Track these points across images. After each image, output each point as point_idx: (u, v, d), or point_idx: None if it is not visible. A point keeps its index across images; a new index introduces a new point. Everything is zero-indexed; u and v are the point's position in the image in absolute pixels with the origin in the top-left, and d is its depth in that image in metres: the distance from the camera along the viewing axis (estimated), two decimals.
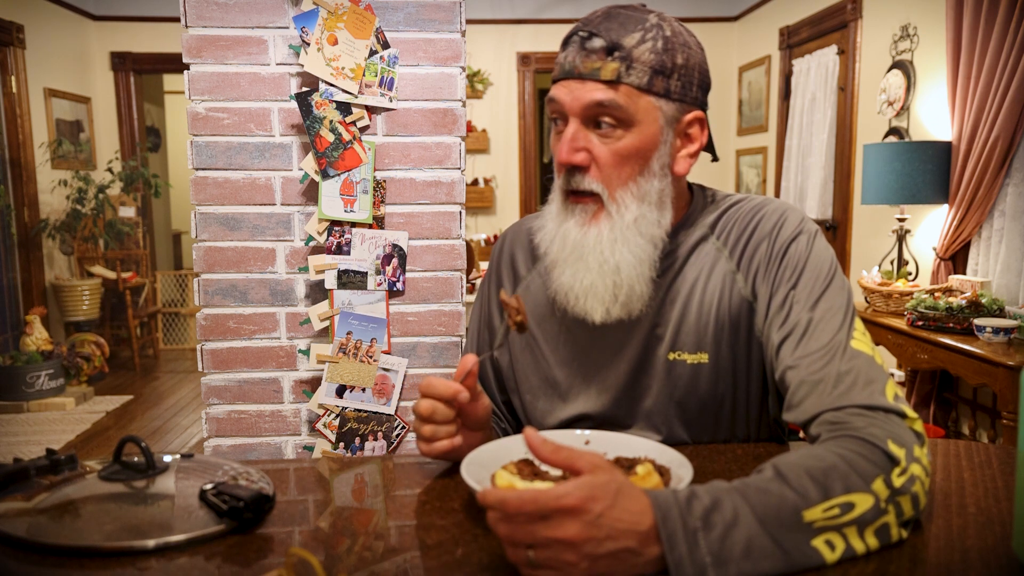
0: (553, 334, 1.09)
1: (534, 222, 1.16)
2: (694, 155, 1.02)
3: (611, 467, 0.69)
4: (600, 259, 0.96)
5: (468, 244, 4.45)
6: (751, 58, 5.69)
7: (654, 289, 1.00)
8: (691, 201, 1.08)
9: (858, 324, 0.93)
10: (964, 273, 3.23)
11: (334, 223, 1.75)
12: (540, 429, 1.09)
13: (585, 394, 1.06)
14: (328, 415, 1.77)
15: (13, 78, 4.93)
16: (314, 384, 1.82)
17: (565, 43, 0.97)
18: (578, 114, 0.95)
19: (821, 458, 0.76)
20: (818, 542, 0.71)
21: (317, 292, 1.80)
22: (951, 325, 2.78)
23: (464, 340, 1.84)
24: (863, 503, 0.73)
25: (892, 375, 3.54)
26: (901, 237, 3.45)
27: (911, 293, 3.12)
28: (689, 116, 0.99)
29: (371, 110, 1.76)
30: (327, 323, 1.77)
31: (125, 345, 5.75)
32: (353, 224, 1.76)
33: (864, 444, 0.77)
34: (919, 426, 0.82)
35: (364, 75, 1.73)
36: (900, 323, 2.98)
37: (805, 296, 0.95)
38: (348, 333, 1.76)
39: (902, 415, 0.82)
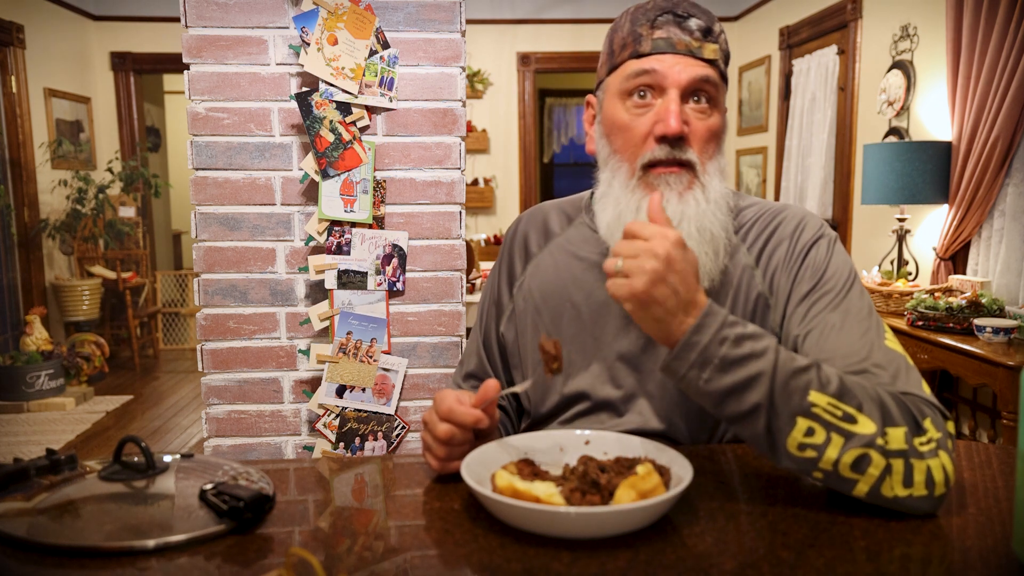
0: (560, 311, 1.09)
1: (550, 205, 1.19)
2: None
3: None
4: (700, 227, 0.98)
5: (468, 244, 4.45)
6: (751, 58, 5.69)
7: None
8: None
9: (887, 328, 0.94)
10: (964, 273, 3.22)
11: (334, 223, 1.75)
12: (541, 404, 1.10)
13: (587, 372, 1.06)
14: (328, 415, 1.77)
15: (13, 78, 4.93)
16: (314, 384, 1.82)
17: (652, 21, 0.98)
18: (681, 87, 0.97)
19: (860, 382, 0.82)
20: (802, 422, 0.77)
21: (317, 292, 1.80)
22: (951, 325, 2.78)
23: (464, 340, 1.84)
24: (865, 427, 0.78)
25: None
26: (901, 237, 3.44)
27: (911, 293, 3.12)
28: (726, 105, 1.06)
29: (371, 110, 1.76)
30: (327, 323, 1.77)
31: (125, 345, 5.75)
32: (353, 224, 1.76)
33: (905, 406, 0.81)
34: (952, 428, 0.84)
35: (364, 75, 1.73)
36: (900, 323, 2.98)
37: (828, 298, 0.96)
38: (348, 333, 1.76)
39: (942, 414, 0.84)
